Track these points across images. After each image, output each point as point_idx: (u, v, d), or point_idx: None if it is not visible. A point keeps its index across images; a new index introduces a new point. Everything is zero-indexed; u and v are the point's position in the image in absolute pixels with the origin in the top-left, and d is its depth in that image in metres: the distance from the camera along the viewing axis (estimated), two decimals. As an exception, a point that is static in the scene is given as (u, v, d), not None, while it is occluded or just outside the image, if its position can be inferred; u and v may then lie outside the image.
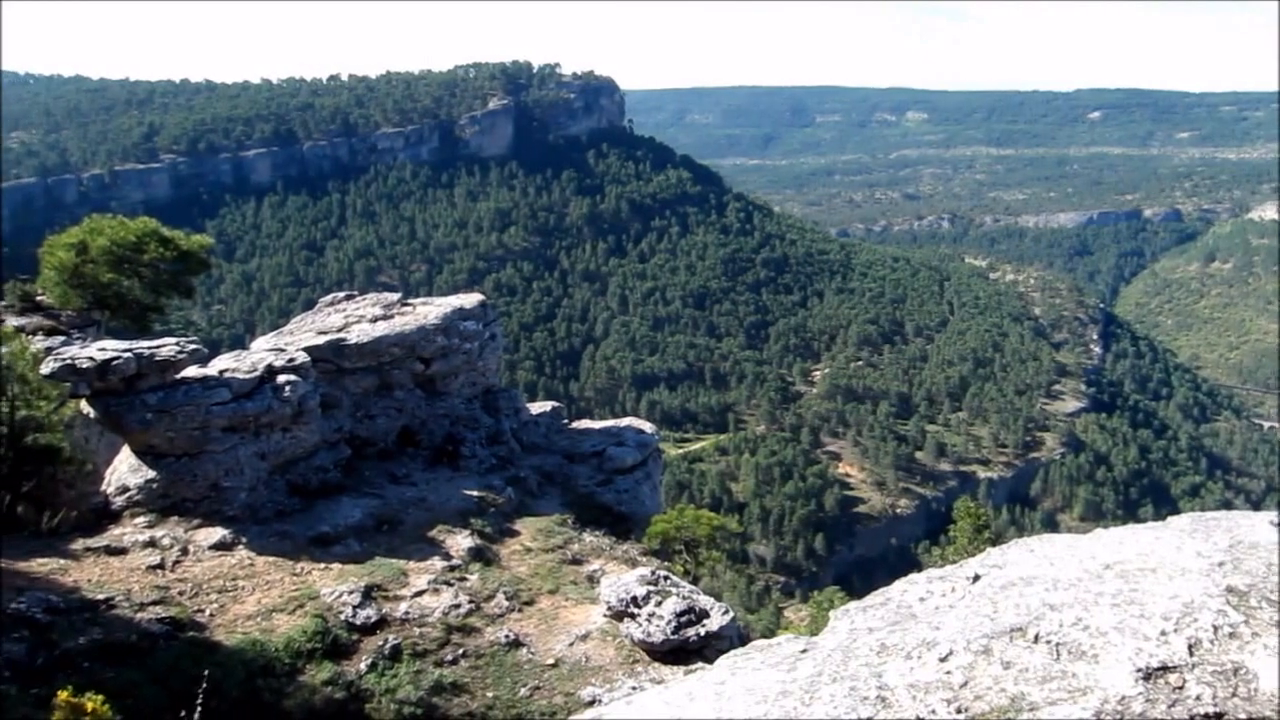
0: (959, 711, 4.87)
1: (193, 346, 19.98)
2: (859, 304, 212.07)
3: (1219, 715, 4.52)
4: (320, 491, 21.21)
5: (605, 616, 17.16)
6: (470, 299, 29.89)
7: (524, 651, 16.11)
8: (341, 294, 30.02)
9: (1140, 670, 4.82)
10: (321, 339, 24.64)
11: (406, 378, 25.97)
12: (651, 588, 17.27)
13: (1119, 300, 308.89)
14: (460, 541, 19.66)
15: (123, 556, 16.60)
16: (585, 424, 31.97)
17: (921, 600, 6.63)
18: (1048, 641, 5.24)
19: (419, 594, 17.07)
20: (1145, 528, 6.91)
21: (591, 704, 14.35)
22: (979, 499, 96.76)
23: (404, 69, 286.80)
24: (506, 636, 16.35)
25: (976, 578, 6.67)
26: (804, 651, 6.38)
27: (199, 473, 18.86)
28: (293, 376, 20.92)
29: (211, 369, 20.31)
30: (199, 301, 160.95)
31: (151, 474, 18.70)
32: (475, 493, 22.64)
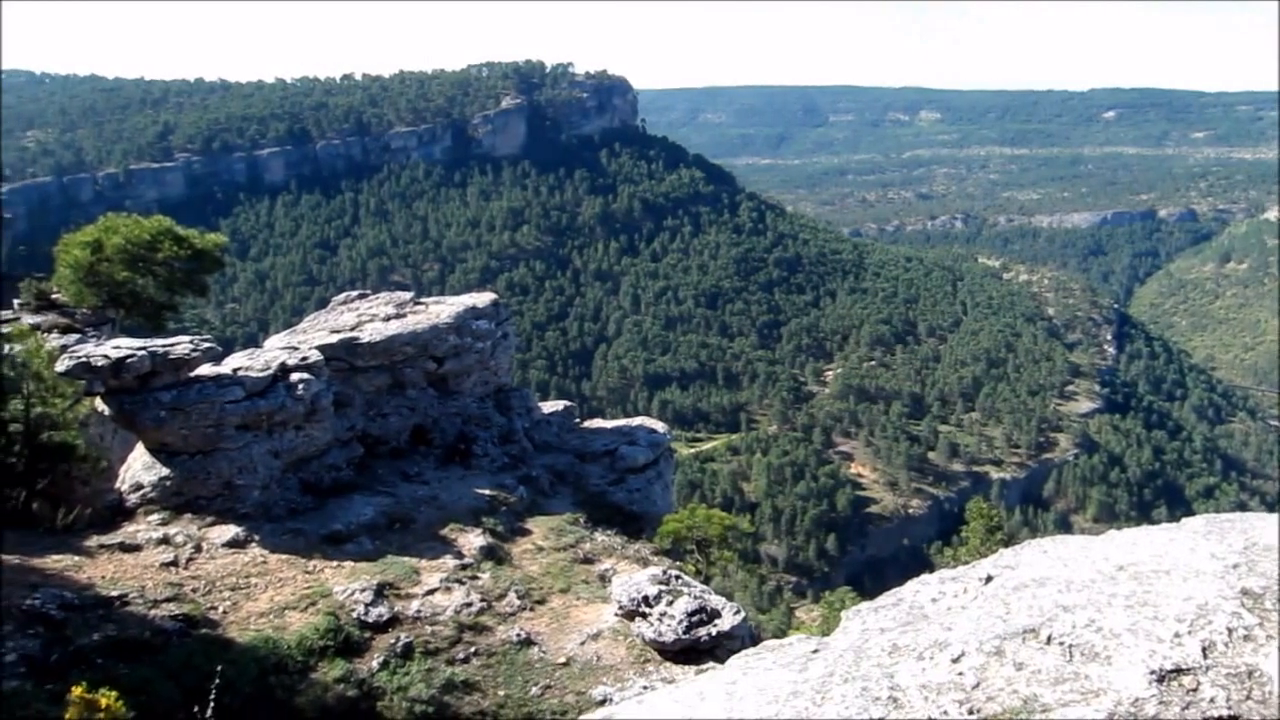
0: (971, 712, 4.86)
1: (206, 345, 20.05)
2: (872, 304, 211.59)
3: (1233, 718, 4.50)
4: (333, 490, 21.27)
5: (617, 616, 17.15)
6: (483, 298, 29.94)
7: (535, 650, 16.12)
8: (354, 293, 30.10)
9: (1154, 672, 4.80)
10: (334, 337, 24.71)
11: (419, 376, 26.01)
12: (663, 587, 17.26)
13: (1133, 301, 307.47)
14: (472, 540, 19.69)
15: (136, 553, 16.67)
16: (597, 423, 31.98)
17: (934, 601, 6.61)
18: (1061, 643, 5.22)
19: (431, 592, 17.10)
20: (1159, 529, 6.88)
21: (603, 703, 14.35)
22: (992, 500, 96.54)
23: (417, 68, 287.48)
24: (518, 635, 16.36)
25: (989, 579, 6.65)
26: (816, 652, 6.37)
27: (212, 470, 18.93)
28: (306, 375, 20.97)
29: (225, 367, 20.39)
30: (213, 300, 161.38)
31: (165, 471, 18.77)
32: (487, 491, 22.67)
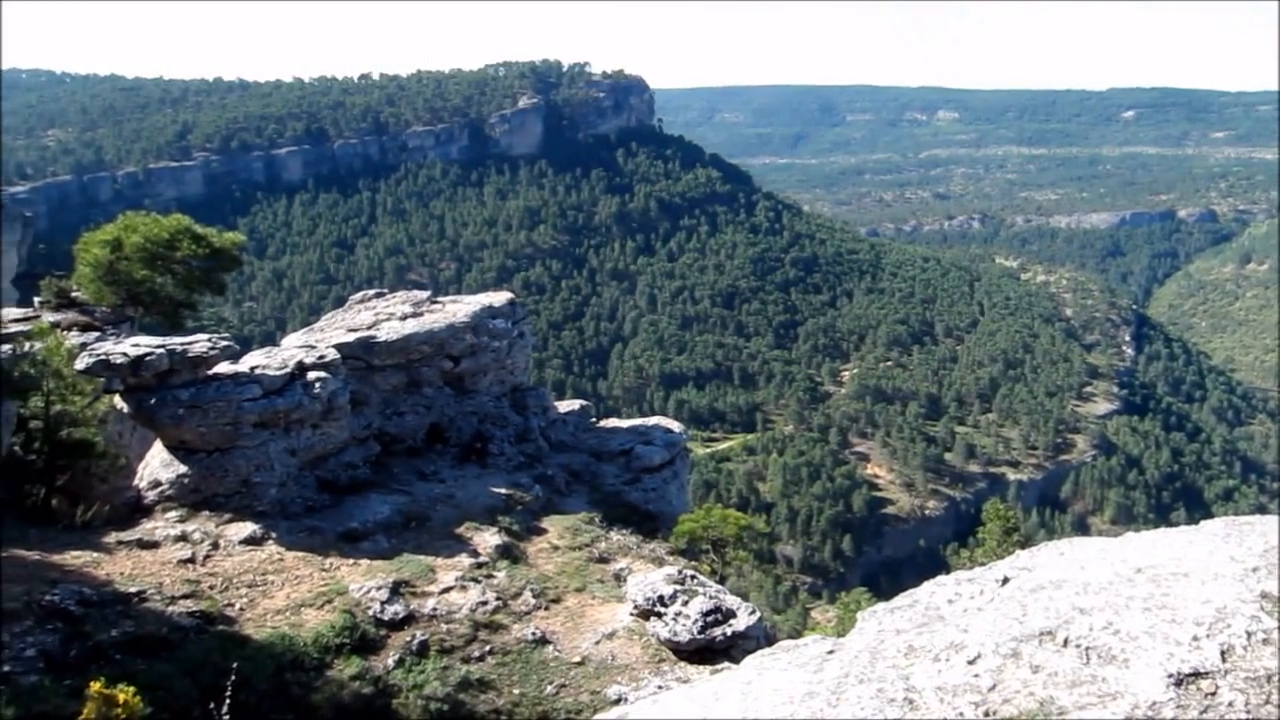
0: (987, 715, 4.84)
1: (224, 343, 20.16)
2: (888, 304, 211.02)
3: (1252, 722, 4.46)
4: (349, 488, 21.34)
5: (632, 615, 17.15)
6: (499, 297, 30.00)
7: (550, 649, 16.13)
8: (371, 292, 30.21)
9: (1172, 676, 4.77)
10: (351, 336, 24.80)
11: (435, 375, 26.08)
12: (678, 587, 17.25)
13: (1152, 302, 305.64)
14: (488, 539, 19.72)
15: (154, 550, 16.77)
16: (613, 422, 32.00)
17: (950, 602, 6.58)
18: (1077, 645, 5.19)
19: (446, 590, 17.14)
20: (1178, 532, 6.84)
21: (617, 703, 14.35)
22: (1008, 501, 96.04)
23: (434, 68, 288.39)
24: (533, 634, 16.38)
25: (1005, 580, 6.62)
26: (831, 652, 6.36)
27: (230, 468, 19.02)
28: (323, 373, 21.05)
29: (243, 365, 20.49)
30: (230, 298, 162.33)
31: (183, 469, 18.88)
32: (503, 490, 22.71)
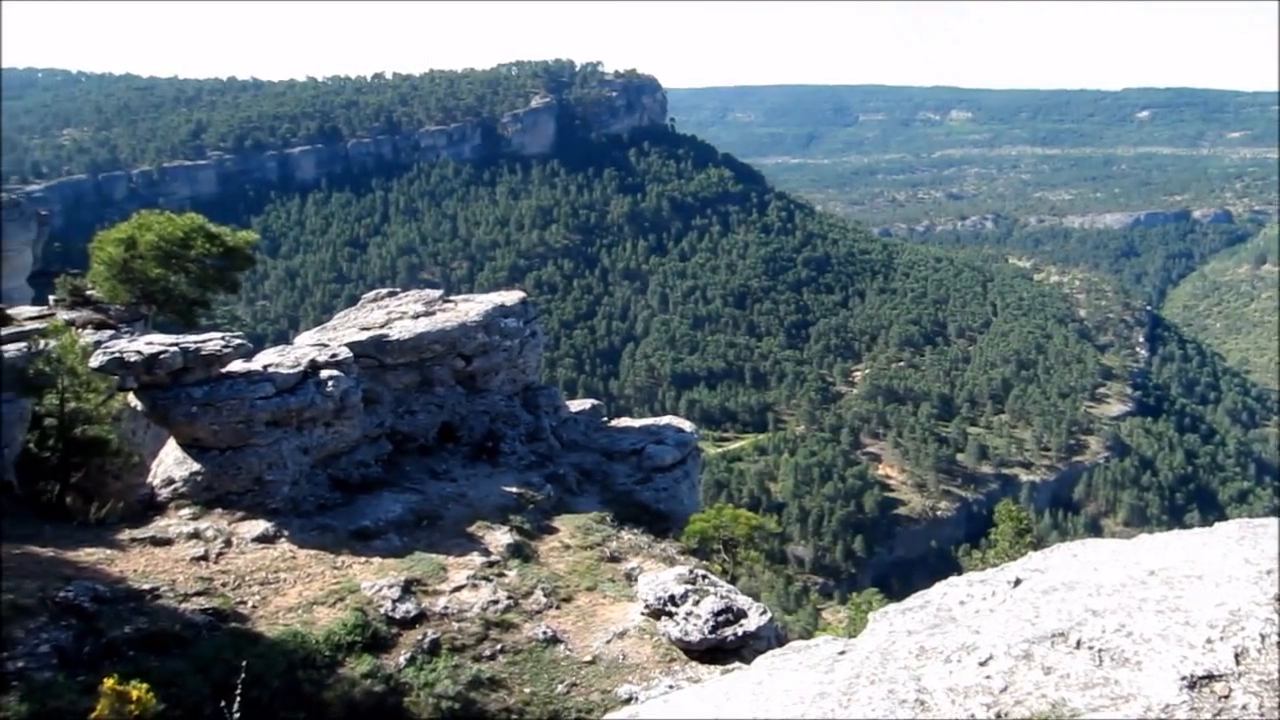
0: (999, 716, 4.83)
1: (238, 341, 20.24)
2: (901, 304, 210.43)
3: (1266, 725, 4.44)
4: (361, 486, 21.42)
5: (643, 614, 17.16)
6: (511, 296, 30.05)
7: (561, 648, 16.16)
8: (384, 290, 30.30)
9: (1185, 678, 4.75)
10: (364, 335, 24.87)
11: (447, 374, 26.13)
12: (689, 586, 17.26)
13: (1166, 303, 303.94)
14: (499, 538, 19.75)
15: (168, 547, 16.84)
16: (624, 422, 32.03)
17: (961, 604, 6.57)
18: (1090, 647, 5.17)
19: (458, 589, 17.17)
20: (1191, 534, 6.81)
21: (628, 702, 14.36)
22: (1021, 502, 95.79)
23: (447, 67, 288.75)
24: (544, 633, 16.41)
25: (1018, 582, 6.60)
26: (842, 653, 6.35)
27: (243, 466, 19.10)
28: (335, 372, 21.12)
29: (256, 364, 20.56)
30: (244, 297, 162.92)
31: (196, 467, 18.96)
32: (514, 489, 22.75)
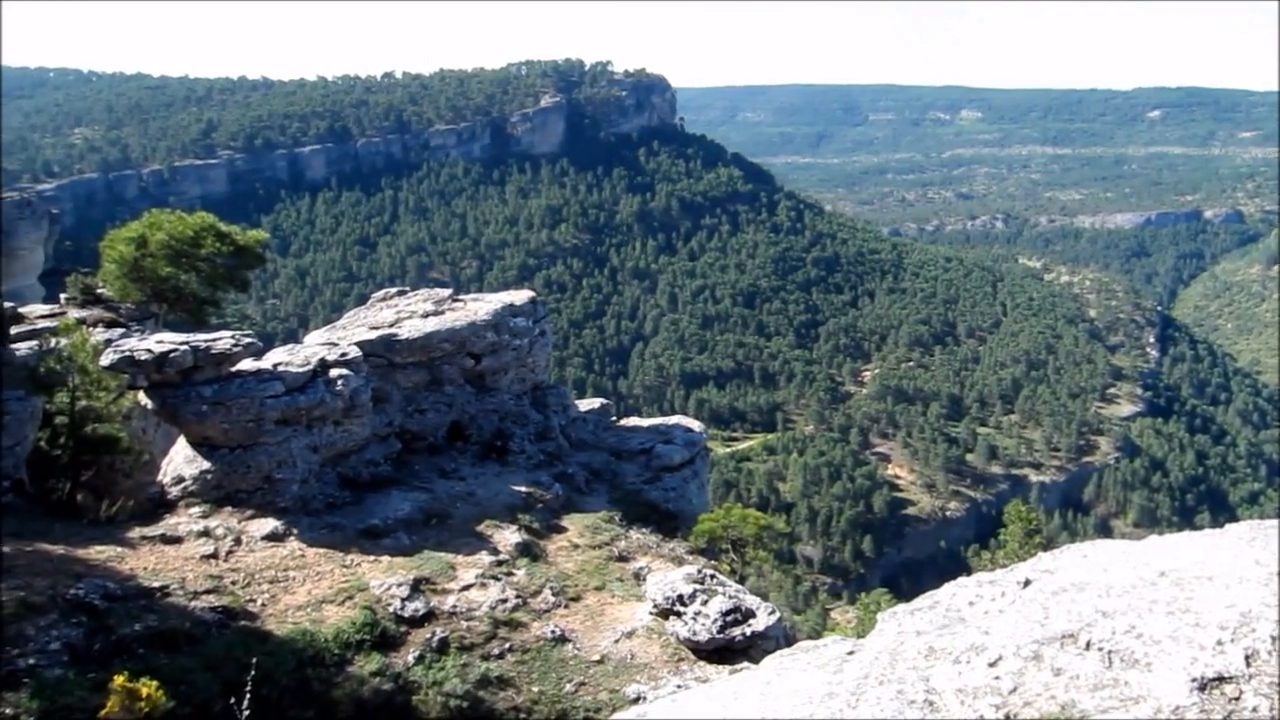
0: (1007, 718, 4.82)
1: (247, 340, 20.28)
2: (910, 304, 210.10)
3: (1276, 728, 4.43)
4: (371, 485, 21.45)
5: (651, 614, 17.16)
6: (520, 296, 30.07)
7: (569, 647, 16.16)
8: (393, 289, 30.35)
9: (1195, 680, 4.73)
10: (373, 334, 24.92)
11: (456, 373, 26.16)
12: (698, 586, 17.25)
13: (1177, 303, 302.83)
14: (508, 537, 19.77)
15: (178, 545, 16.89)
16: (633, 421, 32.02)
17: (971, 604, 6.55)
18: (1100, 649, 5.16)
19: (467, 588, 17.20)
20: (1202, 535, 6.78)
21: (636, 701, 14.36)
22: (1030, 503, 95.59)
23: (457, 67, 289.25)
24: (552, 632, 16.42)
25: (1027, 582, 6.58)
26: (851, 653, 6.35)
27: (252, 464, 19.14)
28: (345, 371, 21.16)
29: (266, 362, 20.62)
30: (254, 296, 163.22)
31: (206, 465, 19.01)
32: (523, 488, 22.76)
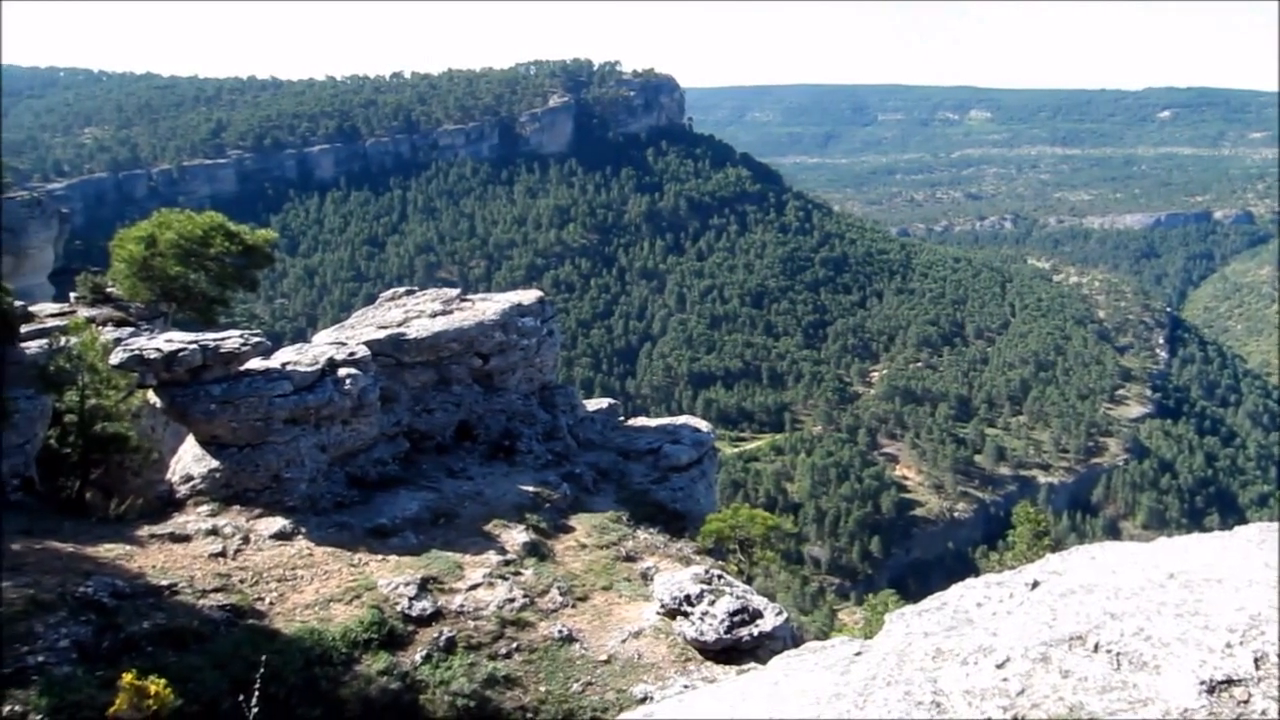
0: (1015, 719, 4.81)
1: (256, 339, 20.34)
2: (919, 304, 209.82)
3: (1285, 731, 4.41)
4: (379, 484, 21.49)
5: (658, 614, 17.16)
6: (528, 295, 30.10)
7: (577, 647, 16.17)
8: (402, 289, 30.41)
9: (1204, 683, 4.72)
10: (382, 333, 24.97)
11: (465, 373, 26.19)
12: (705, 586, 17.25)
13: (1187, 304, 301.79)
14: (515, 536, 19.79)
15: (186, 544, 16.94)
16: (641, 421, 32.05)
17: (979, 605, 6.54)
18: (1108, 651, 5.14)
19: (474, 587, 17.21)
20: (1211, 537, 6.76)
21: (643, 701, 14.36)
22: (1039, 504, 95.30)
23: (466, 66, 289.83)
24: (560, 632, 16.42)
25: (1035, 584, 6.57)
26: (858, 654, 6.34)
27: (261, 463, 19.19)
28: (353, 370, 21.21)
29: (274, 361, 20.67)
30: (262, 295, 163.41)
31: (215, 463, 19.06)
32: (531, 488, 22.78)
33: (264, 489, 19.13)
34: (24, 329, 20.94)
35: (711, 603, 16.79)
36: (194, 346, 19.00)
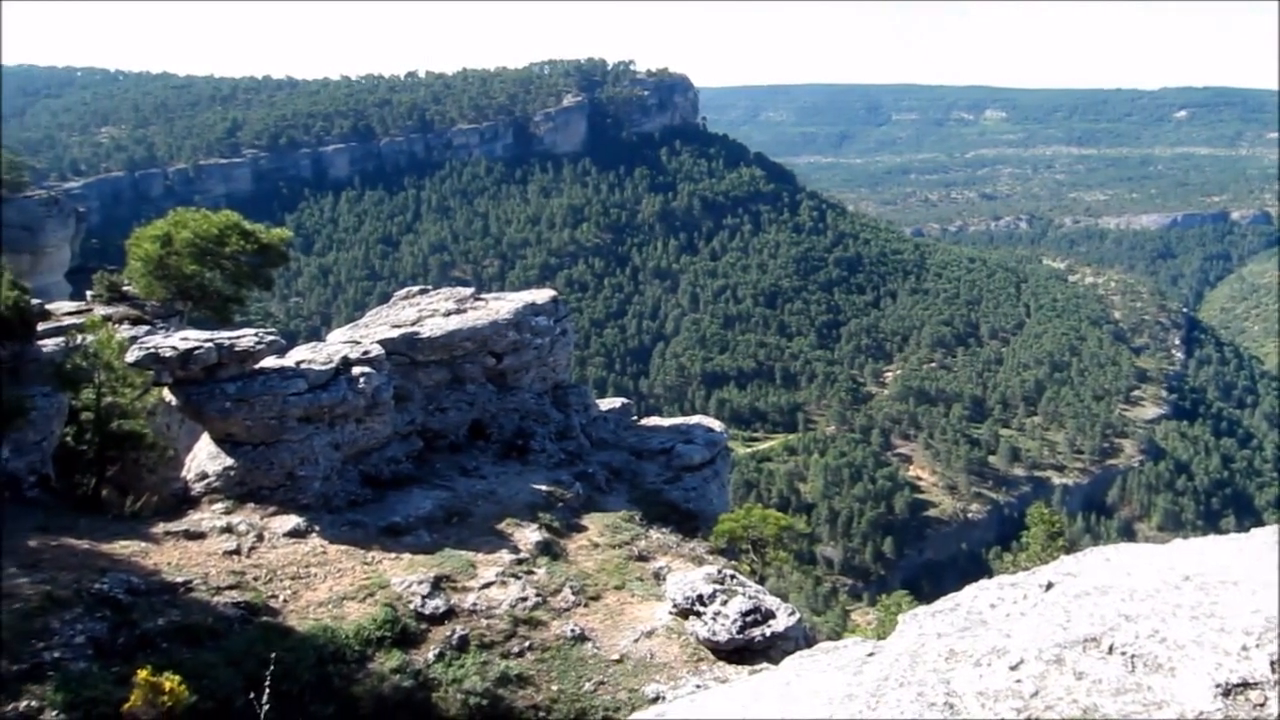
0: (1029, 721, 4.79)
1: (271, 338, 20.42)
2: (933, 305, 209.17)
3: (1302, 734, 4.39)
4: (392, 482, 21.55)
5: (671, 614, 17.16)
6: (542, 295, 30.15)
7: (589, 646, 16.18)
8: (415, 288, 30.48)
9: (1219, 686, 4.69)
10: (396, 332, 25.03)
11: (478, 372, 26.23)
12: (718, 586, 17.24)
13: (1203, 305, 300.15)
14: (528, 535, 19.81)
15: (201, 541, 17.02)
16: (654, 421, 32.04)
17: (992, 607, 6.52)
18: (1123, 653, 5.12)
19: (487, 586, 17.24)
20: (1227, 539, 6.73)
21: (655, 701, 14.36)
22: (1053, 505, 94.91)
23: (480, 66, 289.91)
24: (572, 631, 16.44)
25: (1049, 585, 6.54)
26: (871, 655, 6.33)
27: (275, 461, 19.26)
28: (367, 369, 21.26)
29: (289, 360, 20.74)
30: (277, 293, 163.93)
31: (230, 461, 19.13)
32: (544, 487, 22.80)
33: (278, 487, 19.20)
34: (41, 327, 21.07)
35: (724, 603, 16.78)
36: (209, 345, 19.08)
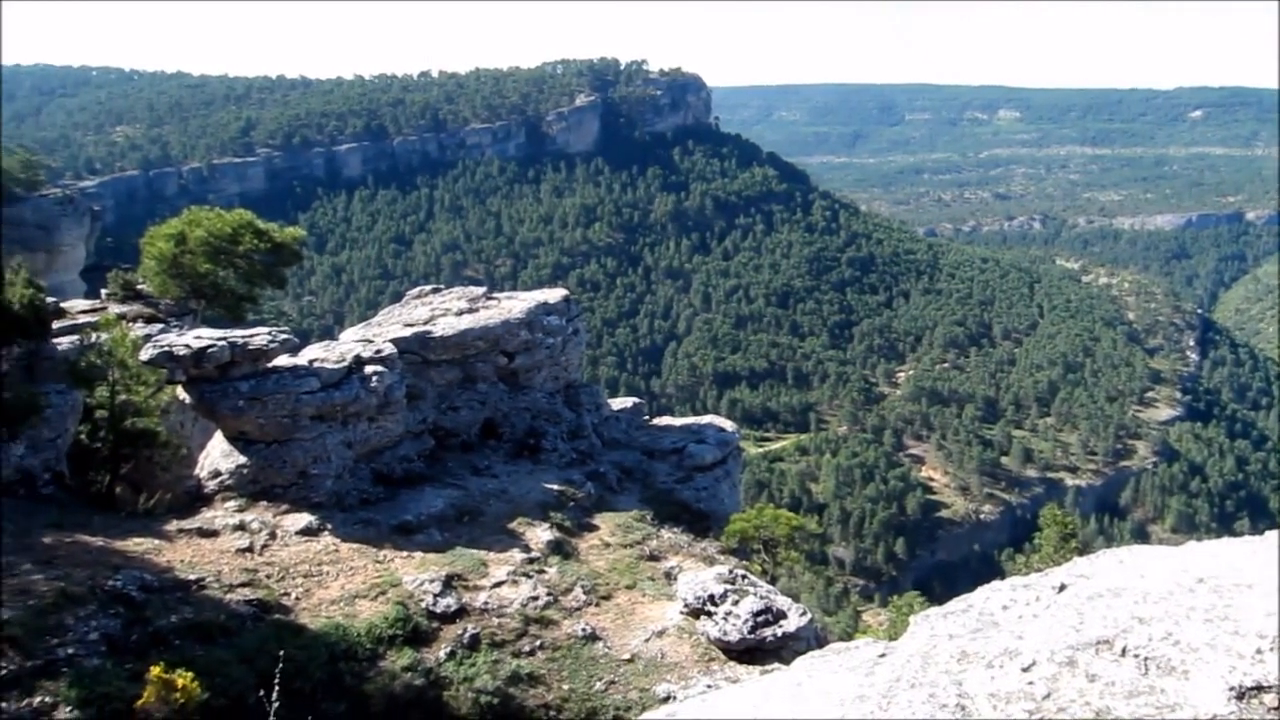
0: (1041, 723, 4.78)
1: (284, 336, 20.49)
2: (946, 305, 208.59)
3: (1316, 738, 4.36)
4: (404, 481, 21.59)
5: (682, 614, 17.16)
6: (554, 294, 30.18)
7: (600, 645, 16.19)
8: (428, 287, 30.55)
9: (1233, 689, 4.67)
10: (408, 331, 25.08)
11: (490, 371, 26.27)
12: (729, 586, 17.23)
13: (1218, 306, 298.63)
14: (540, 534, 19.83)
15: (214, 539, 17.09)
16: (666, 421, 32.04)
17: (1004, 608, 6.50)
18: (1136, 655, 5.10)
19: (498, 585, 17.27)
20: (1241, 542, 6.69)
21: (666, 700, 14.36)
22: (1066, 507, 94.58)
23: (493, 66, 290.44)
24: (583, 630, 16.45)
25: (1062, 587, 6.52)
26: (882, 656, 6.31)
27: (288, 459, 19.32)
28: (380, 368, 21.31)
29: (302, 359, 20.82)
30: (290, 292, 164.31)
31: (242, 459, 19.20)
32: (555, 486, 22.82)
33: (290, 485, 19.26)
34: (56, 325, 21.20)
35: (735, 603, 16.77)
36: (223, 343, 19.16)
